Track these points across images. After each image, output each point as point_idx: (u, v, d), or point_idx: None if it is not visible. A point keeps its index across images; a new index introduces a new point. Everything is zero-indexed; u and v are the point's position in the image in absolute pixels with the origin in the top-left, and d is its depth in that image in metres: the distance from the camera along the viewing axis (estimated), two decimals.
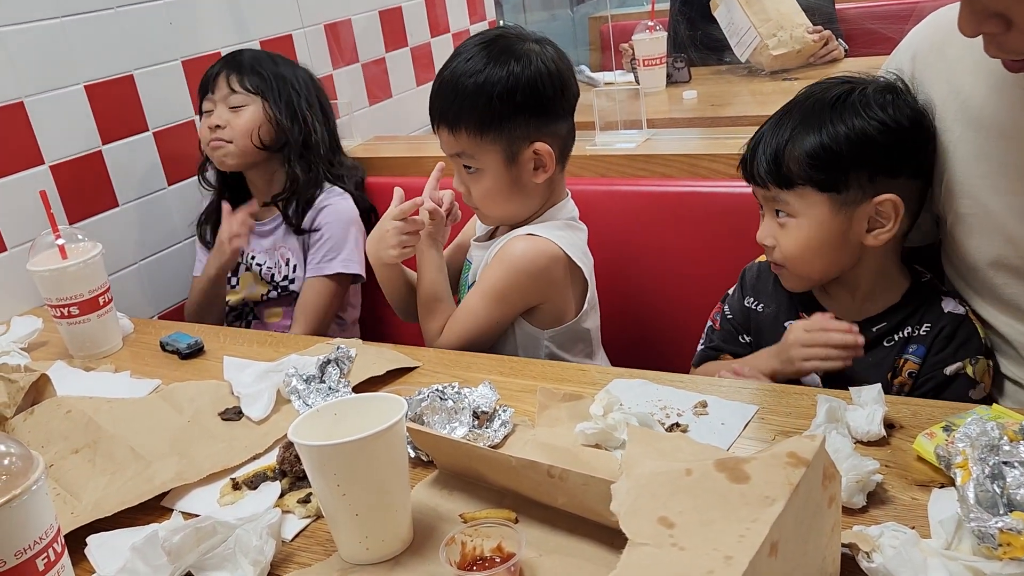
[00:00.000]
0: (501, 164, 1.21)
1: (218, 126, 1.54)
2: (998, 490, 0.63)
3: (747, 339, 1.21)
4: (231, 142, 1.55)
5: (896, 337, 1.07)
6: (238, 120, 1.55)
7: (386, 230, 1.26)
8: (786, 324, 1.12)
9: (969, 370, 1.03)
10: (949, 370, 1.03)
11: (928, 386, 1.04)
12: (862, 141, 1.00)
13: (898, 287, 1.09)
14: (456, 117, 1.20)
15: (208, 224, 1.67)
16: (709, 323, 1.25)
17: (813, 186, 1.02)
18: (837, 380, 1.04)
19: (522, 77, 1.18)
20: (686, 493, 0.54)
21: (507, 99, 1.18)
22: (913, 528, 0.69)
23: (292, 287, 1.63)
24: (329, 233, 1.58)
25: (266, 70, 1.58)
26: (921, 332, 1.06)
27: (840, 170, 1.01)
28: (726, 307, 1.23)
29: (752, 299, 1.20)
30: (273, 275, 1.64)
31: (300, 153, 1.60)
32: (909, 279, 1.10)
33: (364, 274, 1.61)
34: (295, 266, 1.63)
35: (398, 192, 1.29)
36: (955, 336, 1.04)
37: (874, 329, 1.07)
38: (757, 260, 1.22)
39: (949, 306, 1.06)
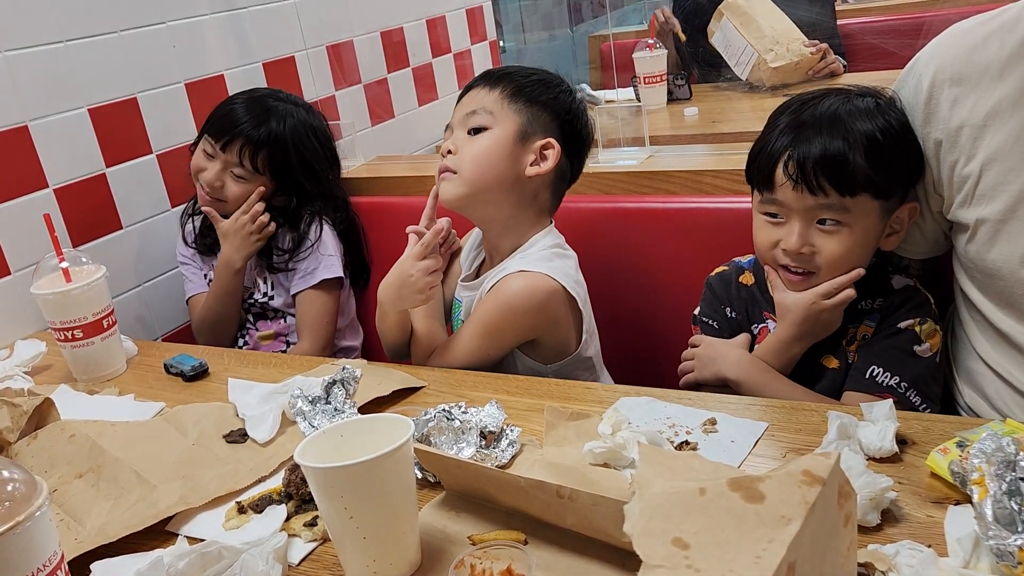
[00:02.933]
0: (511, 133, 1.22)
1: (217, 184, 1.55)
2: (1016, 507, 0.62)
3: None
4: (224, 201, 1.56)
5: (852, 311, 1.11)
6: (236, 188, 1.56)
7: (410, 275, 1.20)
8: (754, 329, 1.19)
9: (917, 328, 1.08)
10: (903, 324, 1.09)
11: (879, 336, 1.10)
12: (908, 149, 1.06)
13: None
14: (500, 78, 1.26)
15: (198, 217, 1.66)
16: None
17: (871, 193, 1.04)
18: (805, 356, 1.13)
19: (570, 96, 1.29)
20: (700, 513, 0.53)
21: (548, 94, 1.26)
22: (929, 546, 0.68)
23: (272, 303, 1.64)
24: (304, 251, 1.60)
25: (284, 146, 1.56)
26: (875, 306, 1.12)
27: (894, 176, 1.05)
28: (709, 322, 1.23)
29: (728, 308, 1.22)
30: (252, 293, 1.64)
31: (298, 211, 1.62)
32: None
33: (345, 276, 1.62)
34: (272, 283, 1.64)
35: (413, 238, 1.25)
36: (907, 301, 1.10)
37: None
38: (716, 272, 1.26)
39: (898, 282, 1.13)
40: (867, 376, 1.07)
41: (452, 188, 1.23)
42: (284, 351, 1.63)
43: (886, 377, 1.06)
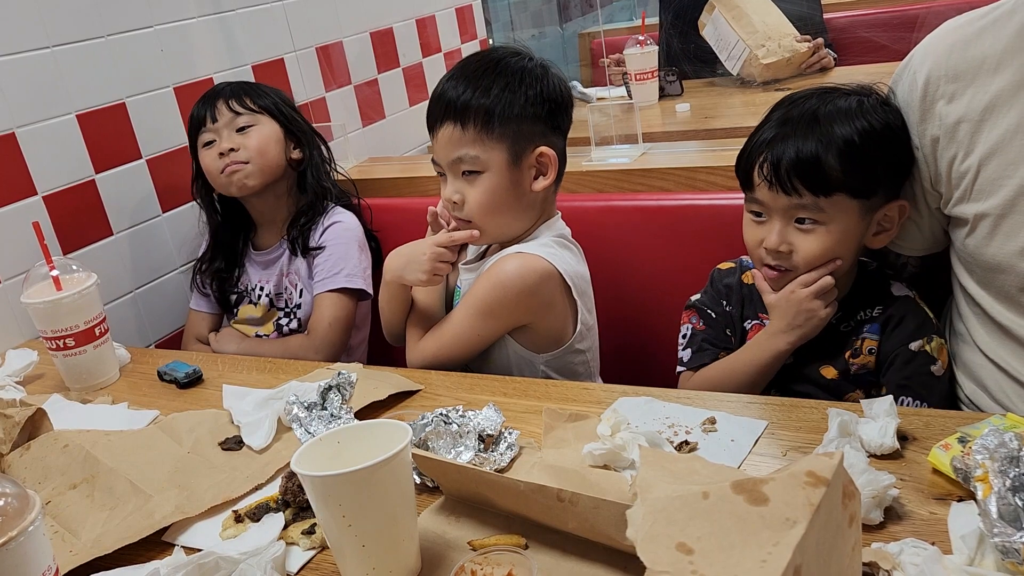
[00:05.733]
0: (504, 164, 1.19)
1: (231, 149, 1.50)
2: (1021, 503, 0.62)
3: (729, 334, 1.22)
4: (248, 163, 1.51)
5: (852, 322, 1.12)
6: (250, 140, 1.52)
7: (422, 252, 1.21)
8: (746, 324, 1.20)
9: (928, 347, 1.08)
10: (914, 346, 1.08)
11: (896, 362, 1.09)
12: (890, 149, 1.05)
13: (850, 278, 1.14)
14: (464, 109, 1.17)
15: (206, 275, 1.62)
16: (688, 328, 1.24)
17: (847, 192, 1.04)
18: (801, 364, 1.14)
19: (538, 82, 1.20)
20: (704, 517, 0.52)
21: (520, 97, 1.18)
22: (933, 544, 0.68)
23: (299, 313, 1.61)
24: (333, 250, 1.55)
25: (261, 90, 1.58)
26: (873, 314, 1.12)
27: (873, 176, 1.05)
28: (708, 311, 1.23)
29: (726, 302, 1.23)
30: (286, 301, 1.61)
31: (316, 168, 1.59)
32: (856, 269, 1.15)
33: (371, 291, 1.57)
34: (302, 290, 1.61)
35: (432, 211, 1.26)
36: (908, 316, 1.10)
37: (831, 320, 1.12)
38: (724, 266, 1.25)
39: (898, 290, 1.12)
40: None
41: (476, 240, 1.25)
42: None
43: (916, 404, 1.07)
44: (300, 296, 1.60)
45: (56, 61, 1.50)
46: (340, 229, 1.57)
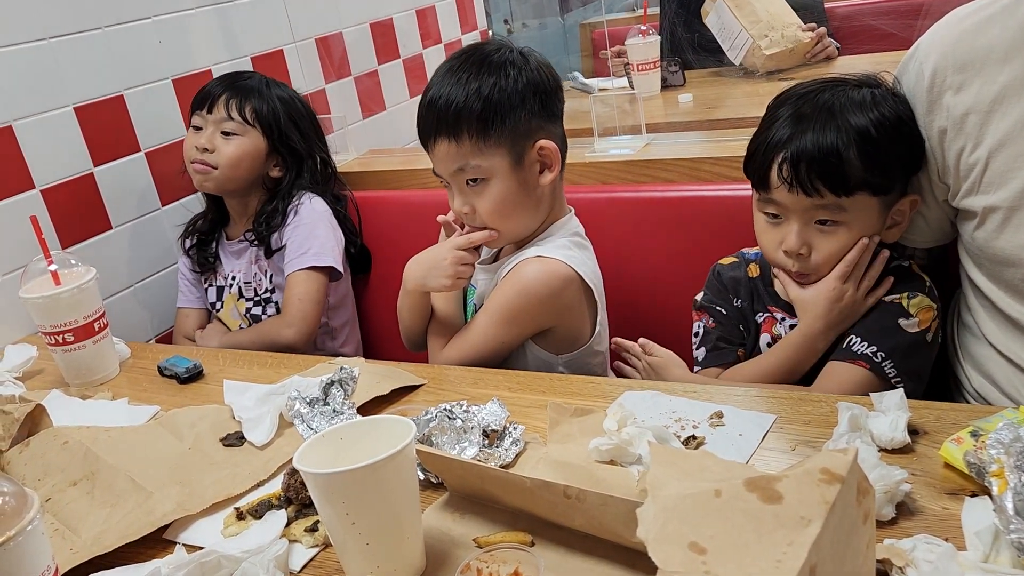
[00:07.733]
0: (508, 167, 1.17)
1: (206, 149, 1.52)
2: None
3: (741, 330, 1.21)
4: (216, 168, 1.53)
5: None
6: (227, 148, 1.53)
7: (443, 258, 1.19)
8: (757, 318, 1.17)
9: (904, 302, 1.06)
10: (888, 297, 1.07)
11: (868, 314, 1.08)
12: (903, 141, 1.03)
13: None
14: (456, 122, 1.15)
15: (193, 238, 1.65)
16: (700, 326, 1.23)
17: (868, 190, 1.03)
18: None
19: (522, 73, 1.17)
20: (717, 516, 0.51)
21: (509, 95, 1.15)
22: (947, 540, 0.66)
23: (274, 297, 1.61)
24: (300, 231, 1.56)
25: (269, 102, 1.57)
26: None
27: (890, 172, 1.03)
28: (718, 309, 1.21)
29: (736, 298, 1.20)
30: (255, 289, 1.61)
31: (291, 187, 1.59)
32: None
33: (341, 269, 1.58)
34: (272, 275, 1.61)
35: (443, 219, 1.25)
36: (897, 279, 1.08)
37: None
38: (725, 261, 1.24)
39: (893, 262, 1.11)
40: (845, 345, 1.06)
41: (493, 244, 1.23)
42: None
43: (863, 346, 1.05)
44: (271, 281, 1.60)
45: (53, 53, 1.48)
46: (305, 211, 1.57)
